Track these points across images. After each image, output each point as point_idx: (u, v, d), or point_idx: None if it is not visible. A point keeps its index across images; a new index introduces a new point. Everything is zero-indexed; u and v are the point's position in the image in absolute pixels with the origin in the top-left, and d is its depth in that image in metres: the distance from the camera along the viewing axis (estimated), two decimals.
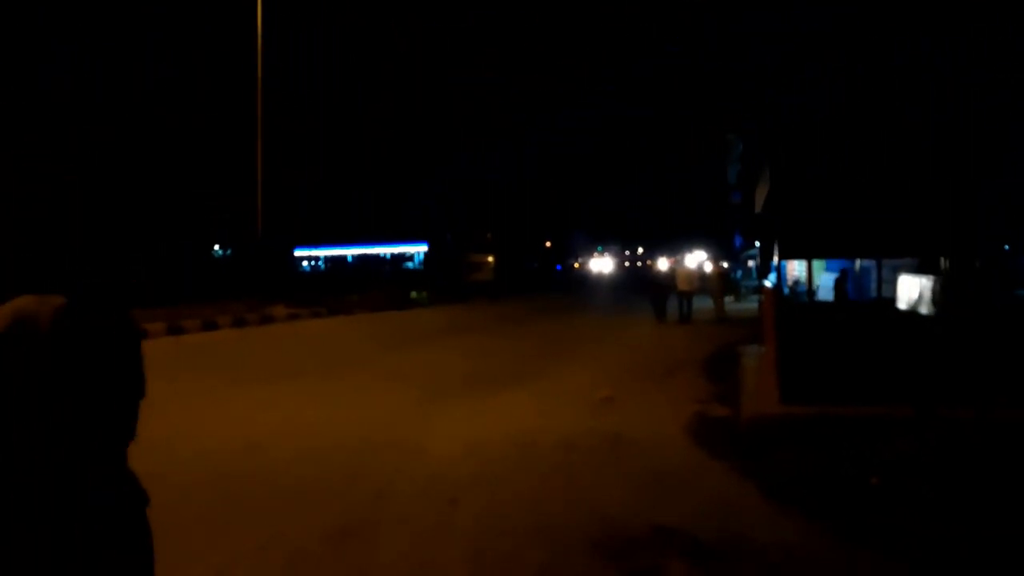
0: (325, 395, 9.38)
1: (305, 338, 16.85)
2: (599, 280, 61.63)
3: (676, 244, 54.17)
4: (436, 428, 7.42)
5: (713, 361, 11.83)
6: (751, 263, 33.33)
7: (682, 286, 18.00)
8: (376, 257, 46.32)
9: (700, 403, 8.45)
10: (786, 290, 15.93)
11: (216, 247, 52.14)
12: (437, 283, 35.46)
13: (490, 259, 49.39)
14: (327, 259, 58.20)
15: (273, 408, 8.61)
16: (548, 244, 69.33)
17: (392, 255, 46.31)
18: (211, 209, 35.77)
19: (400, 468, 6.09)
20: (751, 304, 23.99)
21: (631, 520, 4.84)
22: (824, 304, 9.48)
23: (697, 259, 55.59)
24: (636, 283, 19.82)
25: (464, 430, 7.23)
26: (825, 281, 14.75)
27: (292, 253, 53.82)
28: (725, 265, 20.22)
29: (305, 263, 59.32)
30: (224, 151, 37.58)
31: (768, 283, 10.36)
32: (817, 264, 13.70)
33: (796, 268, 14.84)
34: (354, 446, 6.82)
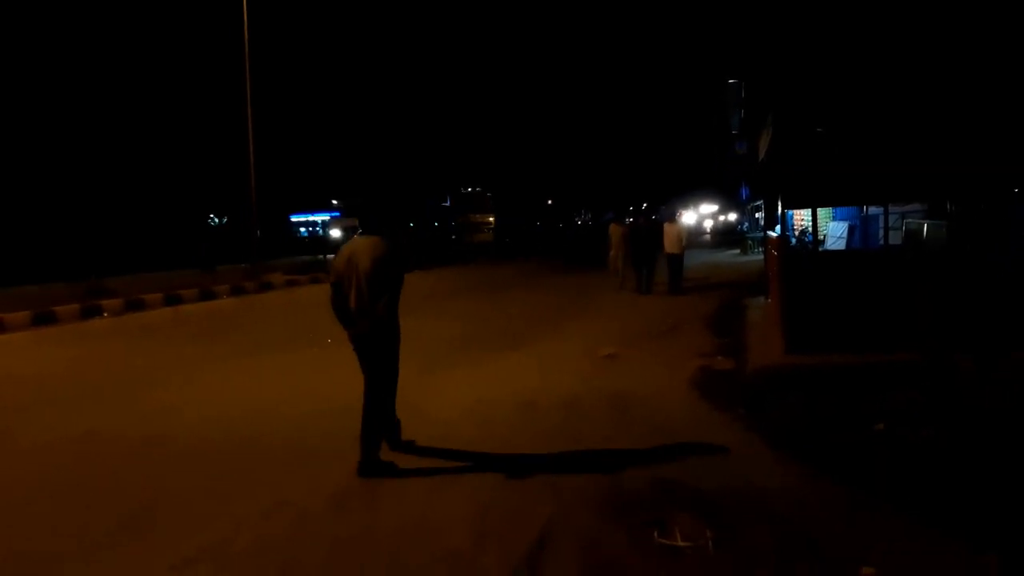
0: (325, 361, 9.31)
1: (303, 305, 16.76)
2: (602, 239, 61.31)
3: (682, 199, 53.63)
4: (437, 391, 7.37)
5: (718, 316, 11.74)
6: (758, 215, 32.80)
7: (669, 248, 15.40)
8: None
9: (704, 357, 8.38)
10: (793, 240, 15.69)
11: (212, 216, 51.96)
12: (434, 246, 35.40)
13: (491, 219, 49.15)
14: (325, 224, 57.95)
15: (275, 374, 8.57)
16: (550, 203, 68.81)
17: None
18: (206, 178, 35.58)
19: (404, 430, 6.03)
20: (758, 256, 23.69)
21: (635, 475, 4.81)
22: (830, 253, 9.34)
23: (706, 212, 54.94)
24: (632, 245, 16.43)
25: (466, 393, 7.19)
26: (833, 230, 14.59)
27: (289, 219, 53.57)
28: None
29: (303, 229, 59.08)
30: (219, 117, 37.30)
31: (773, 234, 10.22)
32: (824, 213, 13.54)
33: (803, 218, 14.68)
34: (355, 409, 6.74)
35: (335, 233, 34.20)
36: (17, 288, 17.37)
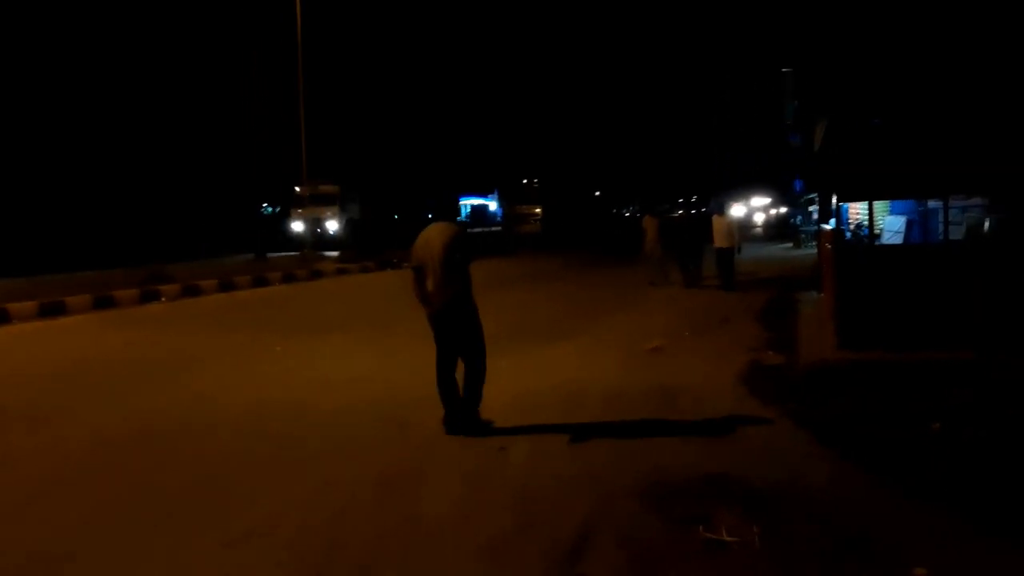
0: (374, 348, 9.45)
1: (353, 292, 17.03)
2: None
3: (734, 191, 52.68)
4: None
5: (768, 310, 11.53)
6: (812, 208, 31.96)
7: (718, 242, 14.72)
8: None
9: (754, 351, 8.25)
10: (848, 235, 15.22)
11: (265, 204, 52.88)
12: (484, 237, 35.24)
13: (537, 210, 48.98)
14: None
15: (324, 360, 8.72)
16: (597, 194, 68.36)
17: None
18: (259, 167, 36.27)
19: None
20: (811, 251, 23.16)
21: (679, 468, 4.76)
22: (886, 247, 9.08)
23: (757, 205, 53.82)
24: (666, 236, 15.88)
25: (510, 382, 7.19)
26: (890, 224, 14.13)
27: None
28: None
29: None
30: (274, 110, 38.05)
31: (827, 227, 9.98)
32: (881, 206, 13.15)
33: (859, 211, 14.25)
34: (403, 395, 6.86)
35: (296, 225, 32.21)
36: (80, 273, 18.01)
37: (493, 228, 40.78)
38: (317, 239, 30.72)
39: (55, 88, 28.25)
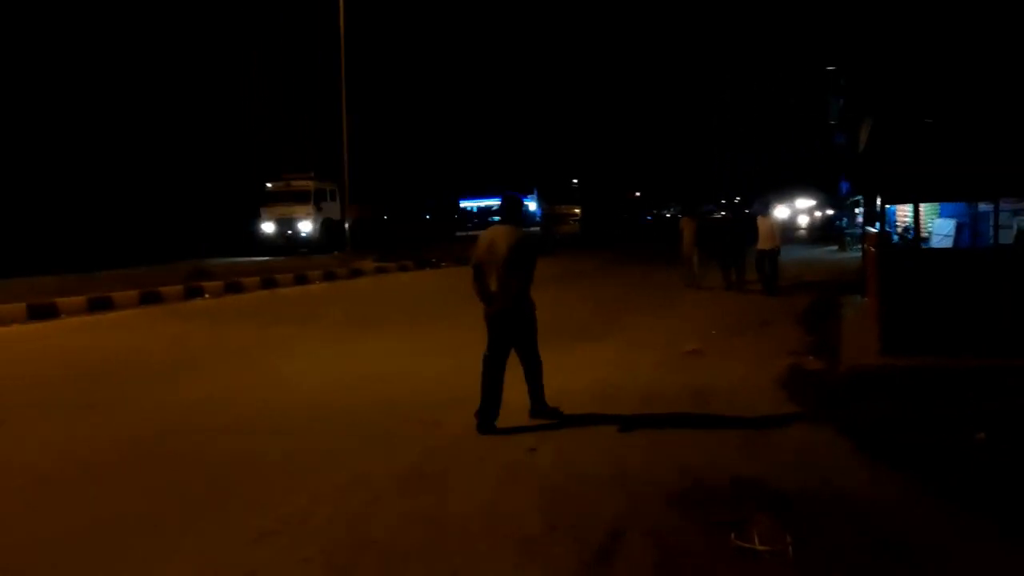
0: (409, 345, 9.50)
1: (391, 291, 17.16)
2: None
3: (778, 192, 51.79)
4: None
5: (810, 314, 11.29)
6: (858, 210, 31.14)
7: (761, 243, 14.16)
8: (463, 211, 46.47)
9: (794, 355, 8.08)
10: (895, 238, 14.75)
11: None
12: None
13: (576, 210, 48.82)
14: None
15: (359, 357, 8.78)
16: (637, 194, 67.87)
17: (479, 208, 46.17)
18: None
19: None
20: (856, 254, 22.64)
21: (713, 472, 4.68)
22: (932, 251, 8.82)
23: (802, 207, 52.79)
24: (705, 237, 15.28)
25: (544, 383, 7.16)
26: (939, 227, 13.66)
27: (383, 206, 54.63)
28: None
29: None
30: (310, 108, 38.41)
31: (872, 229, 9.73)
32: (930, 209, 12.78)
33: (907, 214, 13.85)
34: (437, 393, 6.88)
35: (266, 226, 29.27)
36: (128, 269, 18.47)
37: (531, 228, 40.82)
38: (288, 241, 28.58)
39: (54, 86, 28.59)
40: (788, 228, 42.80)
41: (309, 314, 12.96)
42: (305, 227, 29.44)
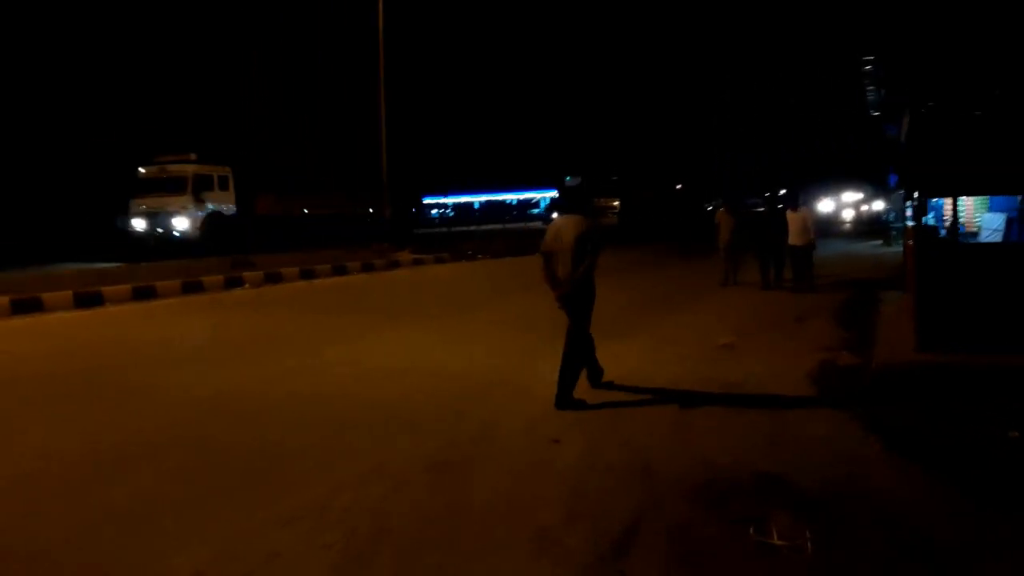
0: (441, 336, 9.58)
1: (427, 283, 17.30)
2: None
3: (823, 185, 50.66)
4: (544, 372, 7.37)
5: (847, 309, 11.07)
6: (908, 204, 30.16)
7: (792, 239, 13.37)
8: (502, 204, 46.64)
9: (827, 351, 7.94)
10: (942, 232, 14.22)
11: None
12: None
13: (615, 203, 48.51)
14: (455, 206, 59.34)
15: (389, 347, 8.88)
16: (679, 187, 67.04)
17: (518, 201, 46.23)
18: (346, 162, 36.31)
19: (506, 407, 6.14)
20: (900, 249, 22.04)
21: (737, 468, 4.64)
22: (971, 245, 8.56)
23: (848, 200, 51.49)
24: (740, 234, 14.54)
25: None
26: (988, 221, 13.17)
27: (421, 201, 55.13)
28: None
29: (434, 211, 60.82)
30: (358, 104, 38.39)
31: (910, 223, 9.49)
32: (979, 203, 12.39)
33: (957, 208, 13.39)
34: (464, 384, 6.93)
35: (136, 222, 23.65)
36: (173, 260, 18.93)
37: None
38: (159, 241, 23.08)
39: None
40: (832, 222, 42.05)
41: (343, 305, 13.15)
42: (180, 223, 23.61)
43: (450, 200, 60.51)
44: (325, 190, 32.22)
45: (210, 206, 24.49)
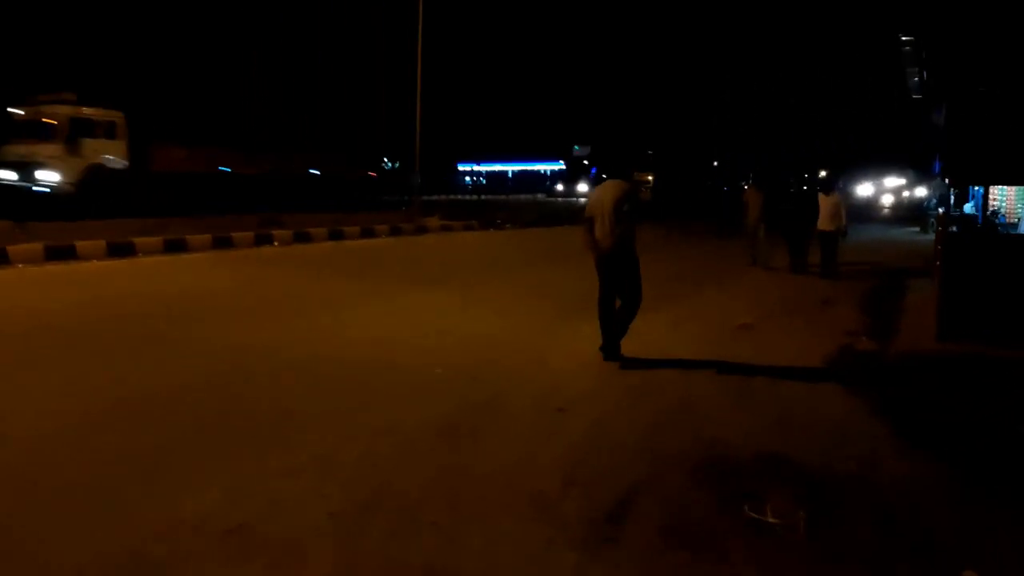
0: (462, 302, 9.67)
1: (453, 249, 17.39)
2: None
3: (866, 170, 49.63)
4: (564, 343, 7.44)
5: (873, 296, 10.92)
6: (951, 191, 29.29)
7: (822, 224, 12.90)
8: (536, 173, 46.46)
9: (848, 336, 7.86)
10: (980, 220, 13.84)
11: (385, 160, 54.27)
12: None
13: (649, 178, 47.92)
14: (488, 174, 59.21)
15: (411, 311, 8.99)
16: (716, 164, 66.08)
17: (552, 171, 46.00)
18: (384, 124, 35.71)
19: (519, 375, 6.21)
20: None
21: (741, 444, 4.66)
22: (1001, 235, 8.36)
23: (889, 185, 50.35)
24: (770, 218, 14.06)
25: (589, 347, 7.18)
26: None
27: (456, 167, 55.09)
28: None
29: (468, 178, 60.77)
30: (391, 68, 37.84)
31: (941, 211, 9.29)
32: (1021, 192, 12.06)
33: (996, 197, 13.02)
34: (480, 351, 7.01)
35: (44, 178, 19.45)
36: (208, 218, 19.16)
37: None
38: (25, 197, 19.04)
39: None
40: (870, 207, 41.27)
41: (369, 267, 13.30)
42: (46, 176, 19.58)
43: (483, 168, 60.35)
44: (314, 150, 30.11)
45: (90, 159, 20.45)
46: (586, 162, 50.93)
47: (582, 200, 36.93)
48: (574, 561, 3.26)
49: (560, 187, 52.56)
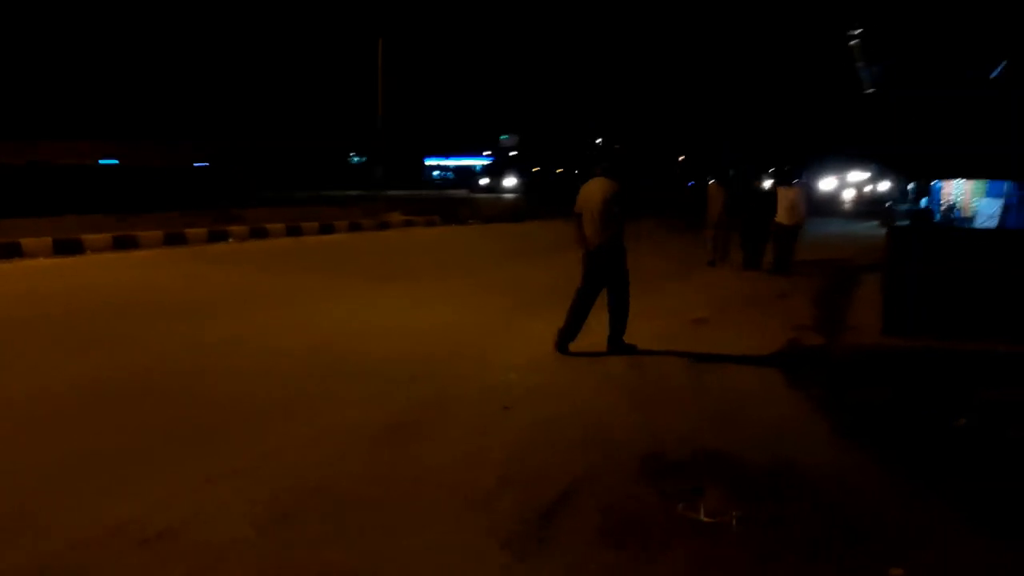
0: (415, 298, 9.57)
1: (414, 245, 17.23)
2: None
3: (831, 163, 49.96)
4: (513, 339, 7.40)
5: (825, 291, 11.02)
6: (911, 186, 29.62)
7: (780, 217, 12.70)
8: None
9: (797, 331, 7.93)
10: (937, 216, 14.01)
11: (352, 154, 53.85)
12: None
13: None
14: (456, 168, 59.01)
15: (367, 308, 8.88)
16: (681, 159, 66.44)
17: (480, 166, 45.96)
18: (351, 120, 35.61)
19: (466, 373, 6.14)
20: None
21: (684, 442, 4.65)
22: (943, 229, 8.50)
23: (852, 180, 50.67)
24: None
25: (538, 344, 7.16)
26: (984, 207, 12.86)
27: (422, 162, 54.70)
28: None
29: (436, 172, 60.46)
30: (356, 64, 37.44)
31: (902, 207, 9.41)
32: (977, 187, 12.26)
33: (951, 193, 13.19)
34: (429, 348, 6.93)
35: None
36: (160, 213, 18.77)
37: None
38: None
39: None
40: (832, 201, 41.79)
41: (328, 263, 13.12)
42: None
43: (452, 163, 60.07)
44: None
45: None
46: (513, 153, 48.73)
47: (508, 196, 36.15)
48: (502, 562, 3.21)
49: (485, 181, 46.42)
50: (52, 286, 10.13)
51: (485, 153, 48.05)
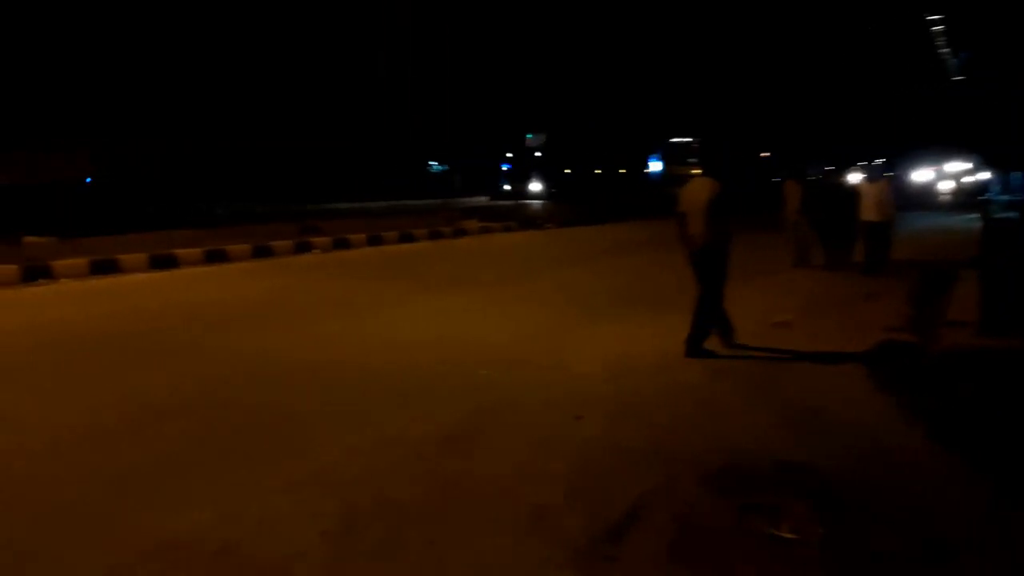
0: (487, 304, 9.56)
1: (491, 251, 17.27)
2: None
3: (929, 154, 47.33)
4: (583, 344, 7.29)
5: (921, 288, 10.32)
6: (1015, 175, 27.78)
7: (866, 214, 11.95)
8: None
9: (889, 332, 7.49)
10: None
11: (432, 162, 54.51)
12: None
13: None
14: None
15: (434, 316, 8.90)
16: (767, 154, 64.26)
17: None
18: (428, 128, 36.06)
19: (534, 381, 6.07)
20: None
21: (760, 452, 4.46)
22: None
23: (951, 171, 47.88)
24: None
25: (611, 348, 7.02)
26: None
27: (501, 168, 54.68)
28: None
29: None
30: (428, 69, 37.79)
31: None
32: None
33: None
34: (498, 355, 6.88)
35: None
36: (248, 226, 19.49)
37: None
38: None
39: None
40: (928, 193, 39.66)
41: (407, 271, 13.28)
42: None
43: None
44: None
45: None
46: (538, 154, 45.60)
47: (534, 204, 34.53)
48: None
49: (508, 187, 42.15)
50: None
51: (507, 155, 45.49)
